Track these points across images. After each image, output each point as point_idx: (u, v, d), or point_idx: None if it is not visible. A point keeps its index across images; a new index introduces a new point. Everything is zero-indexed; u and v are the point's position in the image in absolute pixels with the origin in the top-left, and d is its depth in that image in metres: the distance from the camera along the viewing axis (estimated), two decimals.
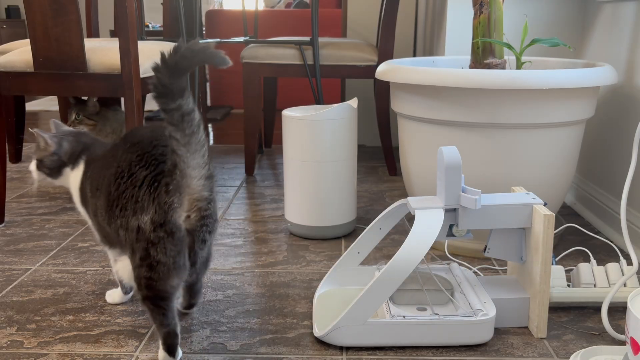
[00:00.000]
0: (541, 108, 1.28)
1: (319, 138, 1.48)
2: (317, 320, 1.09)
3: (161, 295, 0.96)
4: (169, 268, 0.94)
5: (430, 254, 1.45)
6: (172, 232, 0.92)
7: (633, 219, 1.46)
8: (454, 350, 1.03)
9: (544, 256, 1.03)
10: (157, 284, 0.94)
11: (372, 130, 2.72)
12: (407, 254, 0.99)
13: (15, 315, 1.15)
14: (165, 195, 0.91)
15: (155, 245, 0.92)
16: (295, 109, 1.58)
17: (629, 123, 1.52)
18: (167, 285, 0.95)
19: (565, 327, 1.11)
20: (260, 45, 2.09)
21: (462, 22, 1.85)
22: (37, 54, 1.58)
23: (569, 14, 1.84)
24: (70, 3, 1.52)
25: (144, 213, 0.92)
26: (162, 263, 0.93)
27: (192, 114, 0.88)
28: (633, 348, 0.83)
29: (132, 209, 0.94)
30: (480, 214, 1.07)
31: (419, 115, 1.38)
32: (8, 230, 1.61)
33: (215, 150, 2.66)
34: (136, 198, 0.93)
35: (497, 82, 1.24)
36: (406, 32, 2.59)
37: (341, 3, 3.26)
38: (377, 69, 1.50)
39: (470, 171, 1.34)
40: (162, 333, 0.98)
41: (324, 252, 1.47)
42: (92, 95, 1.71)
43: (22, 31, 6.18)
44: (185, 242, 0.94)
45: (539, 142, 1.32)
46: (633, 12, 1.52)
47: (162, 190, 0.92)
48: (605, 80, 1.31)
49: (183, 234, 0.94)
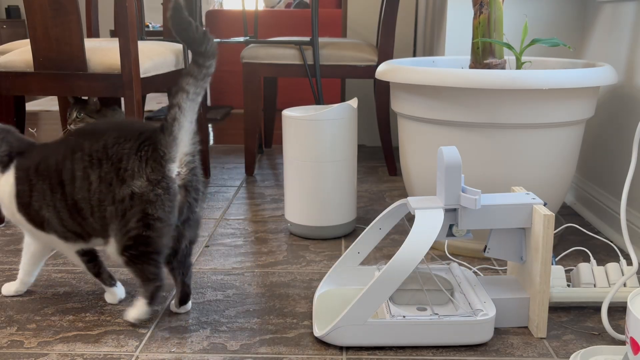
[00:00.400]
0: (541, 108, 1.28)
1: (319, 138, 1.48)
2: (317, 320, 1.10)
3: (158, 250, 1.05)
4: (167, 224, 1.03)
5: (430, 254, 1.45)
6: (169, 188, 1.02)
7: (633, 219, 1.46)
8: (454, 350, 1.03)
9: (544, 256, 1.03)
10: (156, 240, 1.04)
11: (372, 130, 2.72)
12: (407, 254, 0.99)
13: (15, 315, 1.15)
14: (159, 152, 1.01)
15: (154, 204, 1.01)
16: (295, 109, 1.58)
17: (629, 123, 1.52)
18: (164, 240, 1.05)
19: (565, 327, 1.11)
20: (260, 45, 2.09)
21: (462, 22, 1.86)
22: (37, 54, 1.58)
23: (569, 14, 1.84)
24: (70, 3, 1.52)
25: (135, 179, 1.01)
26: (160, 219, 1.02)
27: (208, 78, 1.02)
28: (633, 348, 0.83)
29: (120, 180, 1.01)
30: (480, 214, 1.07)
31: (419, 115, 1.38)
32: (8, 230, 1.61)
33: (215, 150, 2.67)
34: (124, 168, 1.01)
35: (497, 82, 1.24)
36: (406, 32, 2.59)
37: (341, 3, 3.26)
38: (377, 69, 1.51)
39: (470, 171, 1.34)
40: (152, 287, 1.08)
41: (324, 252, 1.48)
42: (92, 95, 1.71)
43: (22, 31, 6.18)
44: (177, 198, 1.04)
45: (539, 142, 1.32)
46: (633, 12, 1.52)
47: (154, 150, 1.01)
48: (605, 80, 1.31)
49: (176, 189, 1.03)
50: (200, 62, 1.00)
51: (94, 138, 1.05)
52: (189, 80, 0.99)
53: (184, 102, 1.00)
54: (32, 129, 3.18)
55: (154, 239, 1.03)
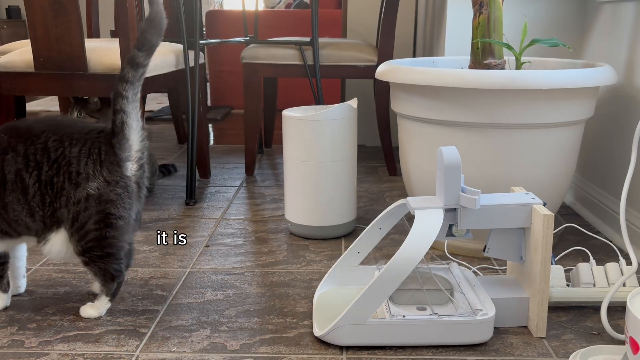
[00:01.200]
0: (541, 108, 1.28)
1: (319, 138, 1.49)
2: (317, 319, 1.10)
3: (120, 248, 1.09)
4: (128, 221, 1.08)
5: (430, 254, 1.45)
6: (127, 186, 1.06)
7: (632, 218, 1.46)
8: (453, 350, 1.03)
9: (544, 256, 1.03)
10: (118, 239, 1.08)
11: (372, 130, 2.72)
12: (407, 253, 1.00)
13: (16, 314, 1.15)
14: (115, 155, 1.05)
15: (115, 203, 1.05)
16: (295, 109, 1.59)
17: (629, 123, 1.52)
18: (126, 237, 1.10)
19: (564, 327, 1.11)
20: (261, 46, 2.10)
21: (461, 22, 1.86)
22: (38, 54, 1.58)
23: (568, 14, 1.84)
24: (70, 3, 1.53)
25: (90, 181, 1.04)
26: (122, 217, 1.07)
27: (144, 76, 1.05)
28: (632, 348, 0.83)
29: (74, 183, 1.04)
30: (479, 213, 1.07)
31: (418, 116, 1.39)
32: None
33: (216, 150, 2.67)
34: (76, 172, 1.03)
35: (496, 83, 1.24)
36: (406, 32, 2.59)
37: (341, 3, 3.26)
38: (377, 69, 1.51)
39: (470, 171, 1.34)
40: (115, 285, 1.12)
41: (324, 252, 1.48)
42: (92, 95, 1.71)
43: (22, 31, 6.18)
44: (135, 195, 1.09)
45: (539, 142, 1.32)
46: (633, 12, 1.52)
47: (108, 153, 1.05)
48: (604, 80, 1.31)
49: (134, 187, 1.08)
50: (141, 61, 1.03)
51: (29, 139, 1.05)
52: (125, 87, 1.03)
53: (127, 106, 1.04)
54: None
55: (116, 238, 1.07)
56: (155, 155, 2.53)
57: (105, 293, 1.13)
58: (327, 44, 2.10)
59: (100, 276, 1.11)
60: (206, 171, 2.16)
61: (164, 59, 1.78)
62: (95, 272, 1.10)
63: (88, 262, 1.09)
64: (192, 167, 1.87)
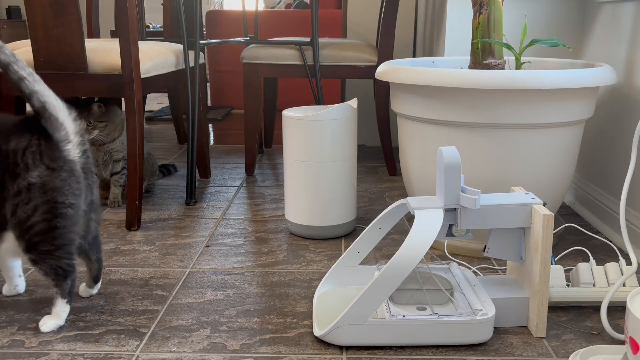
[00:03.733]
0: (541, 108, 1.28)
1: (319, 138, 1.49)
2: (317, 319, 1.10)
3: (70, 241, 1.04)
4: (79, 210, 1.03)
5: (430, 254, 1.45)
6: (73, 170, 1.02)
7: (632, 218, 1.46)
8: (453, 350, 1.03)
9: (543, 256, 1.04)
10: (70, 231, 1.02)
11: (372, 130, 2.72)
12: (407, 253, 1.00)
13: (16, 314, 1.15)
14: (52, 137, 1.00)
15: (62, 189, 1.00)
16: (295, 109, 1.59)
17: (629, 123, 1.52)
18: (76, 228, 1.04)
19: (564, 327, 1.11)
20: (261, 46, 2.10)
21: (461, 22, 1.86)
22: (38, 55, 1.58)
23: (568, 14, 1.84)
24: (70, 3, 1.53)
25: (31, 170, 0.99)
26: (73, 206, 1.02)
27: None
28: (632, 348, 0.83)
29: (14, 174, 0.99)
30: (479, 213, 1.07)
31: (418, 116, 1.39)
32: None
33: (216, 150, 2.67)
34: (14, 163, 0.99)
35: (496, 83, 1.24)
36: (406, 32, 2.59)
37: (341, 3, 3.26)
38: (377, 70, 1.51)
39: (470, 171, 1.34)
40: (69, 282, 1.07)
41: (324, 252, 1.48)
42: (93, 95, 1.71)
43: (22, 31, 6.18)
44: (83, 182, 1.04)
45: (539, 142, 1.32)
46: (632, 12, 1.52)
47: (46, 140, 1.00)
48: (604, 80, 1.31)
49: (80, 171, 1.03)
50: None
51: None
52: (14, 69, 0.97)
53: (34, 86, 0.99)
54: None
55: (67, 229, 1.02)
56: (155, 155, 2.53)
57: (61, 295, 1.08)
58: (327, 44, 2.10)
59: (52, 275, 1.05)
60: (206, 171, 2.16)
61: (164, 59, 1.78)
62: (46, 271, 1.05)
63: (37, 261, 1.03)
64: (192, 167, 1.87)
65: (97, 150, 1.79)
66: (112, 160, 1.81)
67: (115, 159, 1.81)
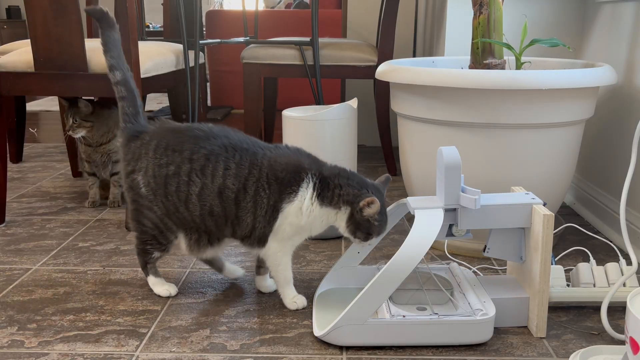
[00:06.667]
0: (541, 108, 1.28)
1: (319, 138, 1.49)
2: (317, 319, 1.10)
3: None
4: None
5: (430, 254, 1.45)
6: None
7: (632, 218, 1.46)
8: (453, 350, 1.03)
9: (544, 256, 1.03)
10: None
11: (372, 130, 2.72)
12: (407, 253, 1.00)
13: (16, 315, 1.15)
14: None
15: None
16: (295, 109, 1.59)
17: (629, 123, 1.52)
18: None
19: (564, 327, 1.11)
20: (261, 46, 2.09)
21: (462, 22, 1.86)
22: (38, 54, 1.58)
23: (568, 14, 1.84)
24: (70, 3, 1.53)
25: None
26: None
27: None
28: (632, 348, 0.83)
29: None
30: (479, 213, 1.07)
31: (418, 116, 1.39)
32: (9, 230, 1.61)
33: None
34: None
35: (496, 82, 1.24)
36: (406, 32, 2.59)
37: (341, 3, 3.26)
38: (377, 70, 1.51)
39: (470, 171, 1.34)
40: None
41: (324, 252, 1.48)
42: (93, 95, 1.71)
43: (22, 31, 6.18)
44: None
45: (539, 142, 1.32)
46: (633, 12, 1.52)
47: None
48: (604, 80, 1.31)
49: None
50: None
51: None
52: None
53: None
54: (33, 129, 3.18)
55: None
56: None
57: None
58: (327, 44, 2.10)
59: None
60: None
61: (164, 59, 1.78)
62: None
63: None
64: None
65: (95, 151, 1.79)
66: (111, 161, 1.81)
67: (114, 159, 1.81)
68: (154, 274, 1.24)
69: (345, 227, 1.10)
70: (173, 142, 1.12)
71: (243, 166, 1.09)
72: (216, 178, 1.09)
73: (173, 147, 1.12)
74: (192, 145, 1.11)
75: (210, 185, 1.10)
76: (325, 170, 1.11)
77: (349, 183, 1.09)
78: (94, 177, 1.84)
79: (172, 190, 1.12)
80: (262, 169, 1.09)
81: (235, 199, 1.09)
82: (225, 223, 1.12)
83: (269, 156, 1.11)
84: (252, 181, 1.09)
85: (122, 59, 1.22)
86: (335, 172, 1.10)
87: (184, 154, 1.11)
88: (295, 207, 1.08)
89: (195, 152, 1.11)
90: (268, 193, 1.09)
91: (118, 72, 1.21)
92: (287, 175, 1.09)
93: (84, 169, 1.87)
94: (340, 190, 1.08)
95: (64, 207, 1.81)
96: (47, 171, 2.26)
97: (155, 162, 1.13)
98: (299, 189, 1.08)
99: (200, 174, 1.10)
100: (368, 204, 1.05)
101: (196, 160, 1.10)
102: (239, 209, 1.10)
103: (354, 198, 1.07)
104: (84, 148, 1.81)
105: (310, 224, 1.11)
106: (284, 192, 1.08)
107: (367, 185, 1.10)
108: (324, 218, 1.11)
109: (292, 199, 1.08)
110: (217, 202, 1.10)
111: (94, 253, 1.46)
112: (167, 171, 1.12)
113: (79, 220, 1.69)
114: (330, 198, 1.09)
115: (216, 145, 1.11)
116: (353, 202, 1.08)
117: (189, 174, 1.10)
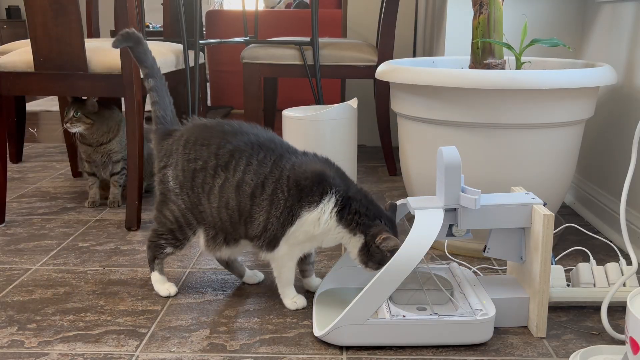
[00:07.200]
0: (541, 108, 1.28)
1: (319, 138, 1.49)
2: (317, 319, 1.10)
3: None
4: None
5: (430, 254, 1.45)
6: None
7: (632, 218, 1.46)
8: (453, 350, 1.03)
9: (544, 256, 1.03)
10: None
11: (372, 130, 2.72)
12: (407, 253, 0.99)
13: (16, 315, 1.15)
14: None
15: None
16: (295, 109, 1.59)
17: (629, 123, 1.52)
18: None
19: (564, 327, 1.11)
20: (261, 46, 2.09)
21: (462, 22, 1.86)
22: (38, 54, 1.58)
23: (568, 14, 1.84)
24: (70, 3, 1.53)
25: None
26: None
27: None
28: (632, 348, 0.83)
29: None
30: (479, 213, 1.07)
31: (418, 115, 1.39)
32: (9, 230, 1.61)
33: None
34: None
35: (496, 82, 1.24)
36: (406, 32, 2.59)
37: (341, 3, 3.26)
38: (377, 69, 1.51)
39: (470, 171, 1.34)
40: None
41: (324, 252, 1.48)
42: (92, 95, 1.71)
43: (22, 31, 6.18)
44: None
45: (539, 142, 1.32)
46: (633, 12, 1.52)
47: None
48: (604, 80, 1.31)
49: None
50: None
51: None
52: None
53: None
54: (33, 129, 3.18)
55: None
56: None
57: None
58: (327, 44, 2.10)
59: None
60: None
61: (164, 59, 1.78)
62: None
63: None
64: None
65: (95, 151, 1.79)
66: (111, 161, 1.81)
67: (114, 159, 1.81)
68: (159, 271, 1.24)
69: (357, 255, 1.11)
70: (201, 137, 1.15)
71: (265, 164, 1.11)
72: (237, 173, 1.11)
73: (201, 142, 1.14)
74: (219, 140, 1.13)
75: (231, 179, 1.11)
76: (351, 190, 1.11)
77: (366, 213, 1.09)
78: (93, 177, 1.84)
79: (199, 183, 1.14)
80: (284, 171, 1.10)
81: (252, 194, 1.10)
82: (239, 220, 1.12)
83: (294, 161, 1.11)
84: (271, 180, 1.10)
85: (155, 68, 1.26)
86: (359, 197, 1.10)
87: (211, 149, 1.13)
88: (313, 217, 1.09)
89: (221, 147, 1.12)
90: (286, 196, 1.09)
91: (151, 80, 1.25)
92: (310, 183, 1.09)
93: (83, 169, 1.87)
94: (359, 218, 1.09)
95: (64, 207, 1.81)
96: (47, 171, 2.26)
97: (185, 157, 1.15)
98: (321, 200, 1.08)
99: (224, 168, 1.12)
100: (384, 240, 1.06)
101: (221, 156, 1.12)
102: (254, 205, 1.10)
103: (367, 229, 1.08)
104: (84, 148, 1.81)
105: (323, 236, 1.12)
106: (304, 199, 1.09)
107: (381, 216, 1.10)
108: (337, 236, 1.11)
109: (313, 208, 1.08)
110: (233, 195, 1.11)
111: (93, 253, 1.46)
112: (195, 165, 1.14)
113: (79, 220, 1.69)
114: (349, 221, 1.09)
115: (242, 141, 1.13)
116: (366, 232, 1.08)
117: (215, 167, 1.12)
